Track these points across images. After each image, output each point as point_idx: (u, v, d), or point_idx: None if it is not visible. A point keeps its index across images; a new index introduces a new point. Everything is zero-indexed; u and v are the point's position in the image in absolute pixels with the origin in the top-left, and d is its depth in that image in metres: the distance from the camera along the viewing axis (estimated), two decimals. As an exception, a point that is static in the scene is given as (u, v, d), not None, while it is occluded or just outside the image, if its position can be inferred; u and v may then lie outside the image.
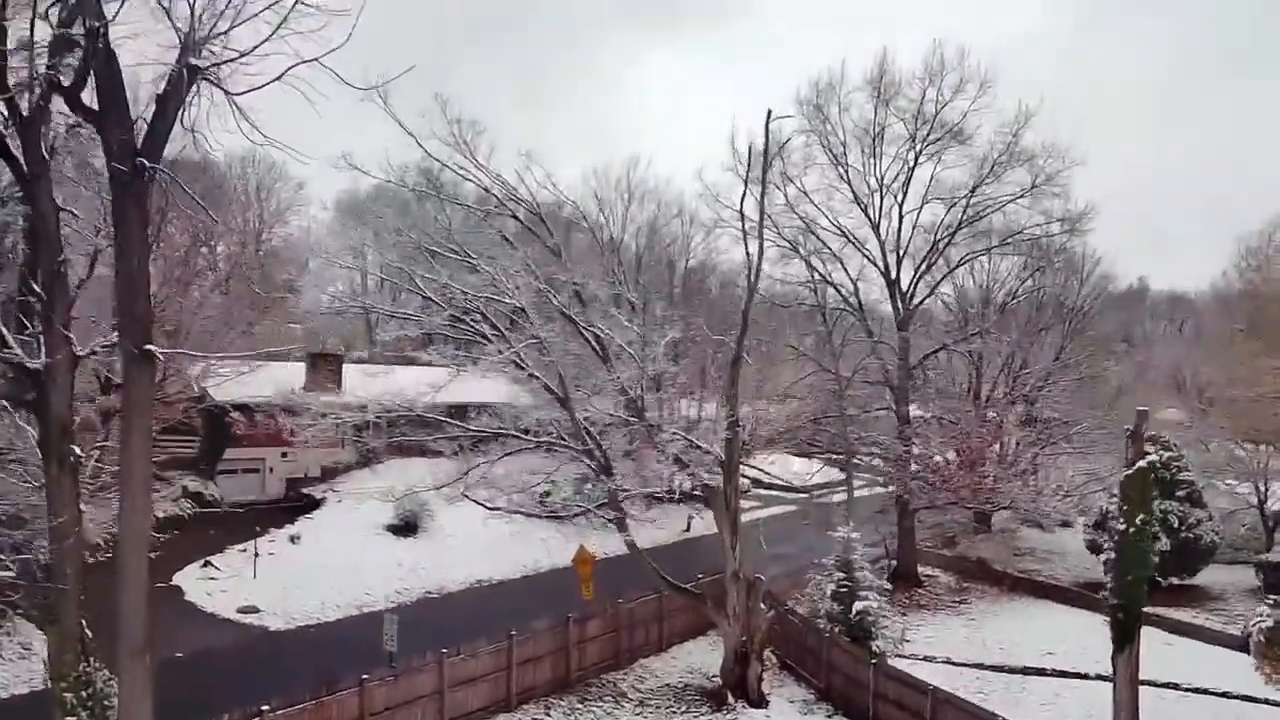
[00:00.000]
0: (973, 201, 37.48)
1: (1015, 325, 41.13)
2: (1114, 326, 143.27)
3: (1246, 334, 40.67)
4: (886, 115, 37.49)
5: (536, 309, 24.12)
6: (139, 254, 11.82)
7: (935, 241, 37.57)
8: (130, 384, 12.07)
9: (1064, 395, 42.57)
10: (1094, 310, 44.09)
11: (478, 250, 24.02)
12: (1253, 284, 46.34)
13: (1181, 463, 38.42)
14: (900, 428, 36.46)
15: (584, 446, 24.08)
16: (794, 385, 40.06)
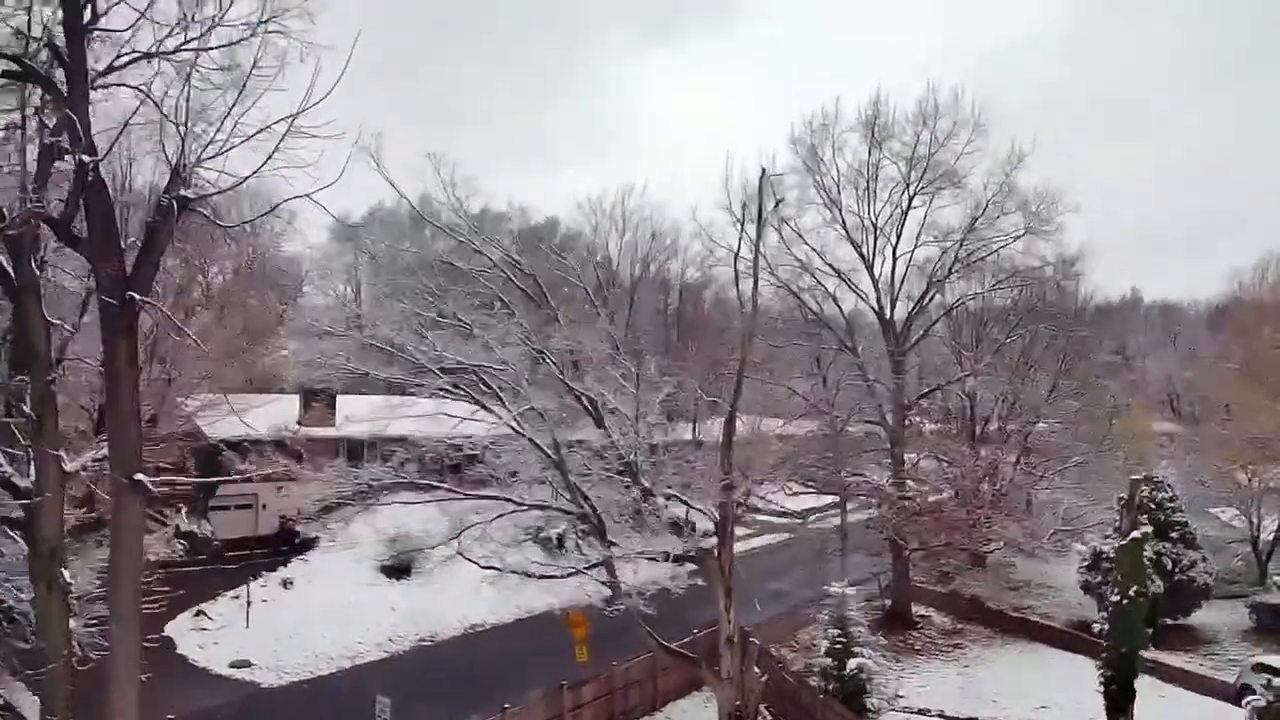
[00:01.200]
0: (966, 242, 37.58)
1: (1009, 362, 41.23)
2: (1107, 337, 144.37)
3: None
4: (880, 157, 37.54)
5: (531, 371, 24.17)
6: (129, 384, 11.76)
7: (929, 283, 37.63)
8: (120, 510, 12.00)
9: (1058, 428, 42.73)
10: (1087, 346, 43.84)
11: (473, 318, 23.87)
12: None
13: (1175, 503, 38.50)
14: (895, 469, 36.48)
15: (579, 510, 24.09)
16: (789, 424, 40.04)
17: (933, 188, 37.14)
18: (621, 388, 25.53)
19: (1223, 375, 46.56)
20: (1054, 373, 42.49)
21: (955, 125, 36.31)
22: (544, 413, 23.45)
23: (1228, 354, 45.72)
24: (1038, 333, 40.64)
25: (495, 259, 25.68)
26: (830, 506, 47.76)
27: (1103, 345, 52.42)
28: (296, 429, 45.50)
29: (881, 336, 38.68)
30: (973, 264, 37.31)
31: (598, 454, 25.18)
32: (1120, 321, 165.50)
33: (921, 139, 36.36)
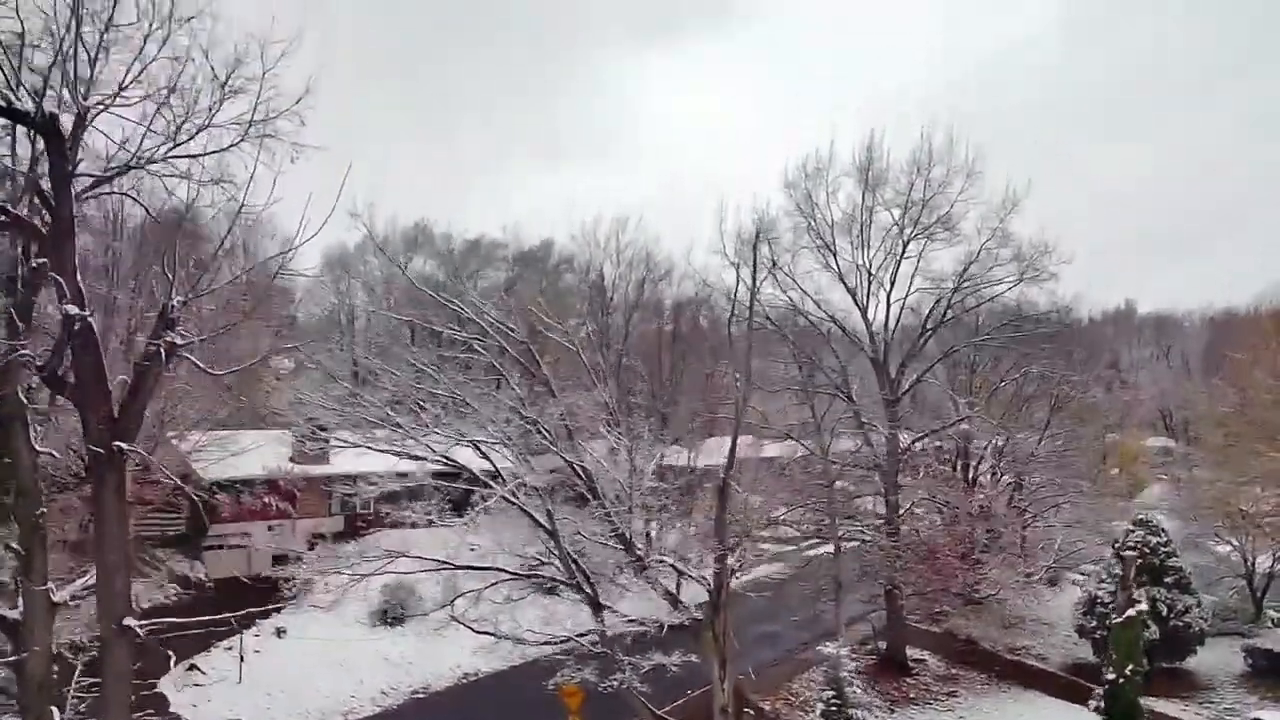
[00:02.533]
0: (960, 287, 37.62)
1: (1003, 401, 41.29)
2: (1101, 350, 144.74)
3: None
4: (874, 203, 37.57)
5: (525, 440, 24.13)
6: (117, 523, 11.63)
7: (922, 330, 37.67)
8: (108, 656, 11.86)
9: (1051, 463, 42.74)
10: (1079, 388, 43.86)
11: (466, 392, 23.81)
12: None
13: (1169, 547, 38.46)
14: (889, 515, 36.44)
15: (572, 580, 24.05)
16: (786, 465, 40.07)
17: (926, 235, 37.15)
18: (615, 452, 25.62)
19: (1217, 417, 46.47)
20: (1047, 410, 42.58)
21: (949, 172, 36.39)
22: (539, 487, 23.43)
23: (1221, 394, 45.52)
24: (1030, 373, 40.60)
25: (488, 325, 25.51)
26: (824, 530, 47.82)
27: (1093, 360, 51.94)
28: (290, 468, 45.34)
29: (876, 380, 38.64)
30: (967, 311, 37.41)
31: (591, 513, 25.24)
32: (1114, 333, 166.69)
33: (915, 187, 36.41)
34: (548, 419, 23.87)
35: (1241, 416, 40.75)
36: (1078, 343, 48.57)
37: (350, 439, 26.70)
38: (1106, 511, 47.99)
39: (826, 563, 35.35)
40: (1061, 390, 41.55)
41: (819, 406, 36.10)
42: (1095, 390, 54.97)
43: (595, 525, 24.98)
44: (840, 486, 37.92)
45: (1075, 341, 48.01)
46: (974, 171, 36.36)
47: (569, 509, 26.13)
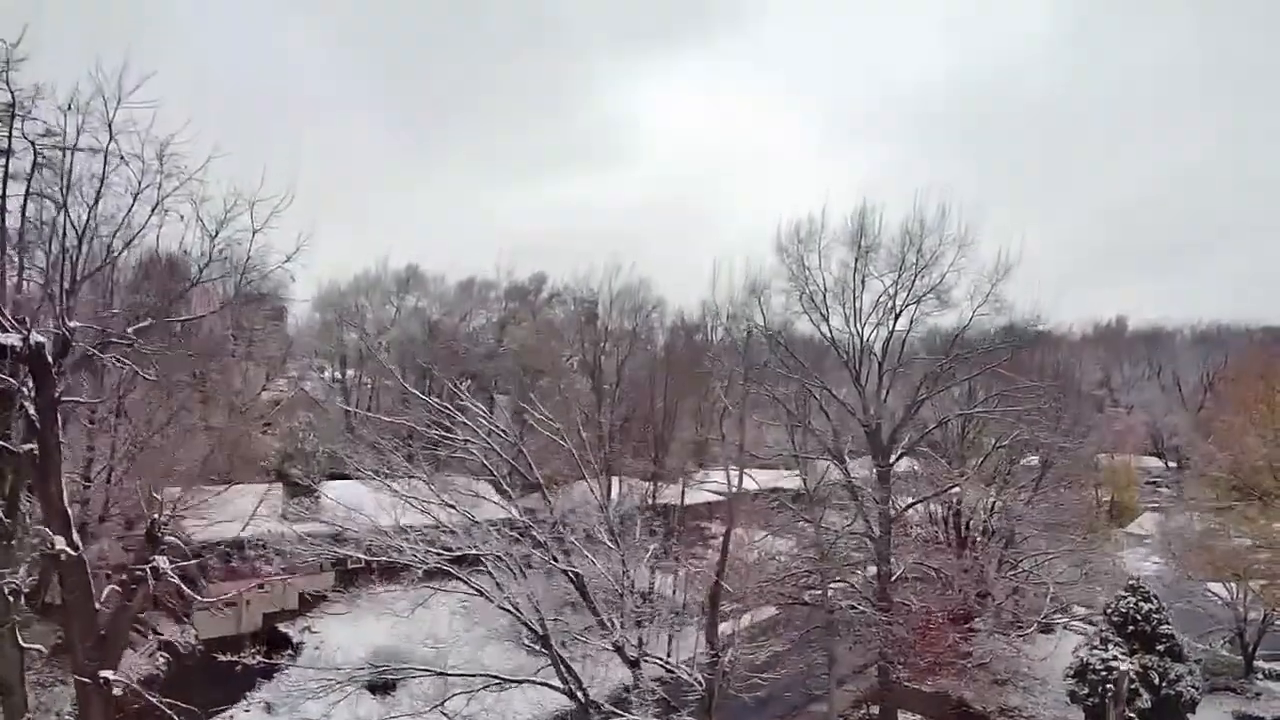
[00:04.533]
0: (951, 355, 37.69)
1: (993, 465, 41.36)
2: (1093, 368, 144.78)
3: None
4: (865, 273, 37.63)
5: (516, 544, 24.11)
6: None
7: (914, 399, 37.68)
8: (87, 708, 11.67)
9: (1041, 522, 42.80)
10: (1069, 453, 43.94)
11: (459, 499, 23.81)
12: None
13: (1161, 614, 38.49)
14: (882, 586, 36.42)
15: (565, 688, 23.99)
16: (777, 532, 40.01)
17: (918, 304, 37.22)
18: (608, 554, 25.55)
19: (1210, 479, 46.64)
20: (1038, 472, 42.71)
21: (942, 243, 36.41)
22: (531, 595, 23.41)
23: (1212, 457, 45.65)
24: (1021, 438, 40.64)
25: (483, 433, 25.49)
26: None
27: (1081, 423, 52.02)
28: (280, 532, 44.97)
29: (868, 446, 38.65)
30: (959, 382, 37.48)
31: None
32: (1106, 350, 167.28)
33: (908, 259, 36.42)
34: (540, 529, 23.82)
35: (1233, 480, 40.88)
36: (1067, 399, 48.45)
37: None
38: (1099, 562, 48.28)
39: (819, 633, 35.26)
40: (1051, 456, 41.59)
41: (812, 484, 36.02)
42: (1088, 445, 54.79)
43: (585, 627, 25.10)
44: (831, 544, 37.85)
45: (1064, 392, 47.95)
46: (966, 242, 36.42)
47: (563, 606, 26.20)
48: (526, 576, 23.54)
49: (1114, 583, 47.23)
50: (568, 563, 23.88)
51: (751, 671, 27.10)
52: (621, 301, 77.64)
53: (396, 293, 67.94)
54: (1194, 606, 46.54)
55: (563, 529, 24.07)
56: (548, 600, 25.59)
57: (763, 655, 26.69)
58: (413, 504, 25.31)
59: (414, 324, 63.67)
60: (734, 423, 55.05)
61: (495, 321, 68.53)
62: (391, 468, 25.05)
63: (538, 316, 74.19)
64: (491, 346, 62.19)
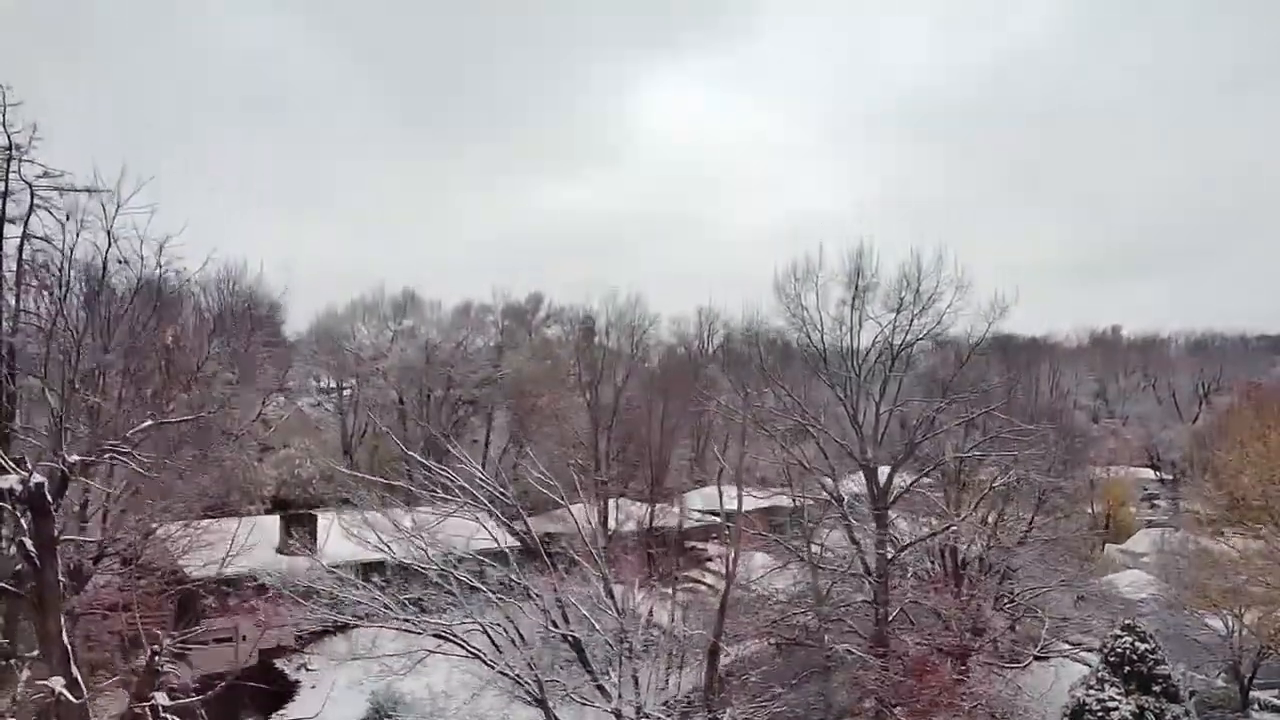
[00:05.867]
0: (949, 396, 37.86)
1: (989, 503, 41.48)
2: (1087, 378, 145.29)
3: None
4: (862, 313, 37.81)
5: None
6: None
7: (910, 441, 37.82)
8: None
9: (1036, 555, 42.95)
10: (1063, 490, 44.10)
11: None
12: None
13: (1157, 654, 38.55)
14: (879, 629, 36.51)
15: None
16: (774, 573, 40.11)
17: (915, 344, 37.40)
18: (609, 614, 25.65)
19: (1205, 517, 46.81)
20: (1032, 508, 42.88)
21: (939, 285, 36.57)
22: (531, 660, 23.48)
23: (1209, 496, 45.80)
24: (1017, 475, 40.80)
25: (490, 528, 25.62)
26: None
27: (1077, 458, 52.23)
28: (273, 572, 44.88)
29: (866, 486, 38.77)
30: (956, 424, 37.63)
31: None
32: (1101, 359, 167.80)
33: (906, 301, 36.60)
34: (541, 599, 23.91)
35: (1230, 517, 41.06)
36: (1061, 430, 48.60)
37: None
38: (1096, 587, 48.58)
39: (816, 677, 35.37)
40: (1045, 493, 41.76)
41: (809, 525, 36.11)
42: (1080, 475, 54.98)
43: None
44: (829, 587, 37.99)
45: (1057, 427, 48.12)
46: (964, 284, 36.57)
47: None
48: (525, 640, 23.56)
49: (1111, 609, 47.61)
50: (567, 628, 23.92)
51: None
52: (619, 320, 77.83)
53: (394, 317, 68.20)
54: (1190, 636, 46.62)
55: (562, 597, 24.09)
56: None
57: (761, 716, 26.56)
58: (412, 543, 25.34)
59: (411, 349, 63.79)
60: (733, 440, 55.20)
61: (493, 345, 68.77)
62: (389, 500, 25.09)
63: (534, 336, 74.32)
64: (489, 372, 62.33)
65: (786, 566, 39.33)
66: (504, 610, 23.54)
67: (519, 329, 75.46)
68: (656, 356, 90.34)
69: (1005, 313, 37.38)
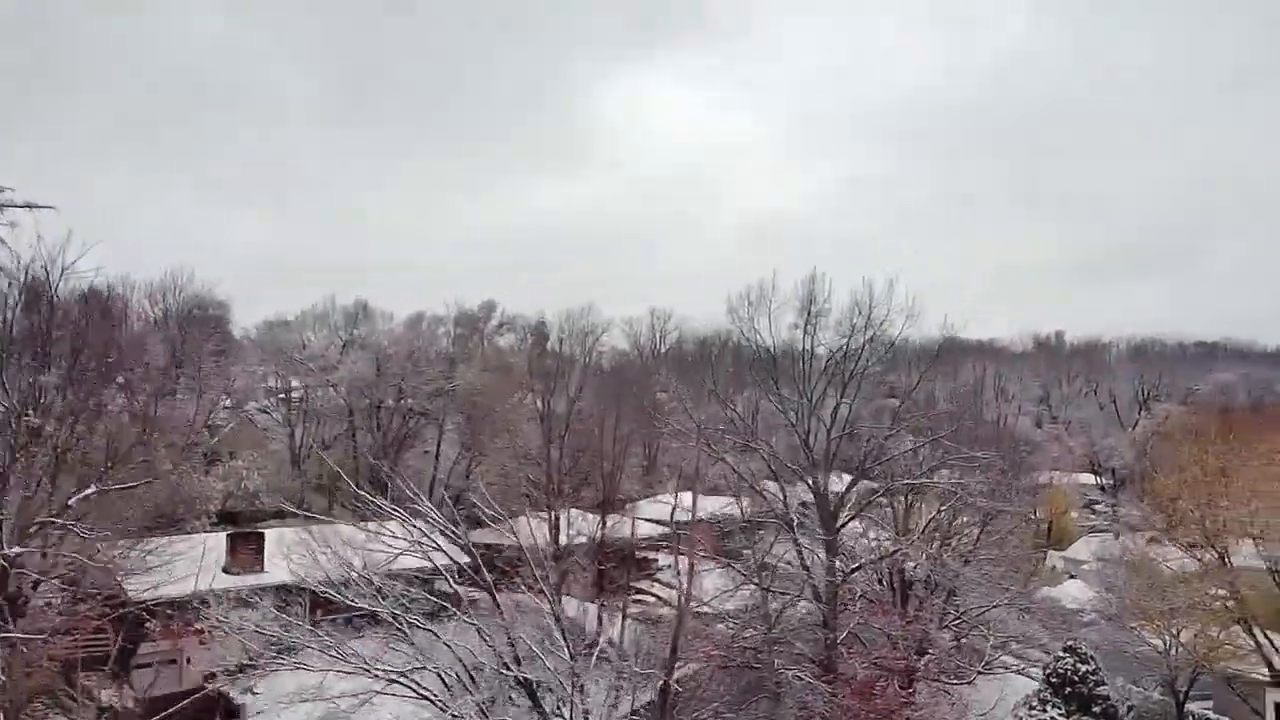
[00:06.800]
0: (899, 421, 38.42)
1: (937, 525, 42.15)
2: (1032, 384, 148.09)
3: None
4: (814, 339, 38.22)
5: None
6: None
7: (860, 467, 38.33)
8: None
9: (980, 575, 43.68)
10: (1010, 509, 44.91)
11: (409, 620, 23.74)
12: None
13: (1098, 675, 39.52)
14: (828, 655, 36.93)
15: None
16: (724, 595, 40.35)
17: (865, 373, 37.87)
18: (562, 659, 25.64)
19: (1144, 546, 48.00)
20: (977, 530, 43.63)
21: (889, 313, 37.08)
22: (483, 705, 23.41)
23: (1148, 518, 46.94)
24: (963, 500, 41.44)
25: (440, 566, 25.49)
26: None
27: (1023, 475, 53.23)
28: (219, 593, 44.23)
29: (816, 510, 39.15)
30: (903, 452, 38.22)
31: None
32: (1045, 363, 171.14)
33: (857, 328, 37.07)
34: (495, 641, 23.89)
35: (1169, 538, 42.12)
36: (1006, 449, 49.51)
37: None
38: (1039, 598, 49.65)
39: (766, 704, 35.70)
40: (990, 517, 42.55)
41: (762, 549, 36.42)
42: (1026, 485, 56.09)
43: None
44: (779, 613, 38.30)
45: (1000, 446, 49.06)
46: (914, 313, 37.10)
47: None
48: (477, 684, 23.50)
49: (1054, 623, 48.69)
50: (519, 669, 23.92)
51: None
52: (570, 326, 77.82)
53: (345, 328, 67.49)
54: (1129, 651, 47.68)
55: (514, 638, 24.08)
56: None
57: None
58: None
59: (363, 360, 63.18)
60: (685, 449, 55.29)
61: (445, 356, 68.29)
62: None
63: (488, 344, 73.98)
64: (441, 383, 61.97)
65: (738, 590, 39.52)
66: (454, 652, 23.38)
67: (472, 337, 75.07)
68: (609, 362, 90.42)
69: (953, 340, 37.93)
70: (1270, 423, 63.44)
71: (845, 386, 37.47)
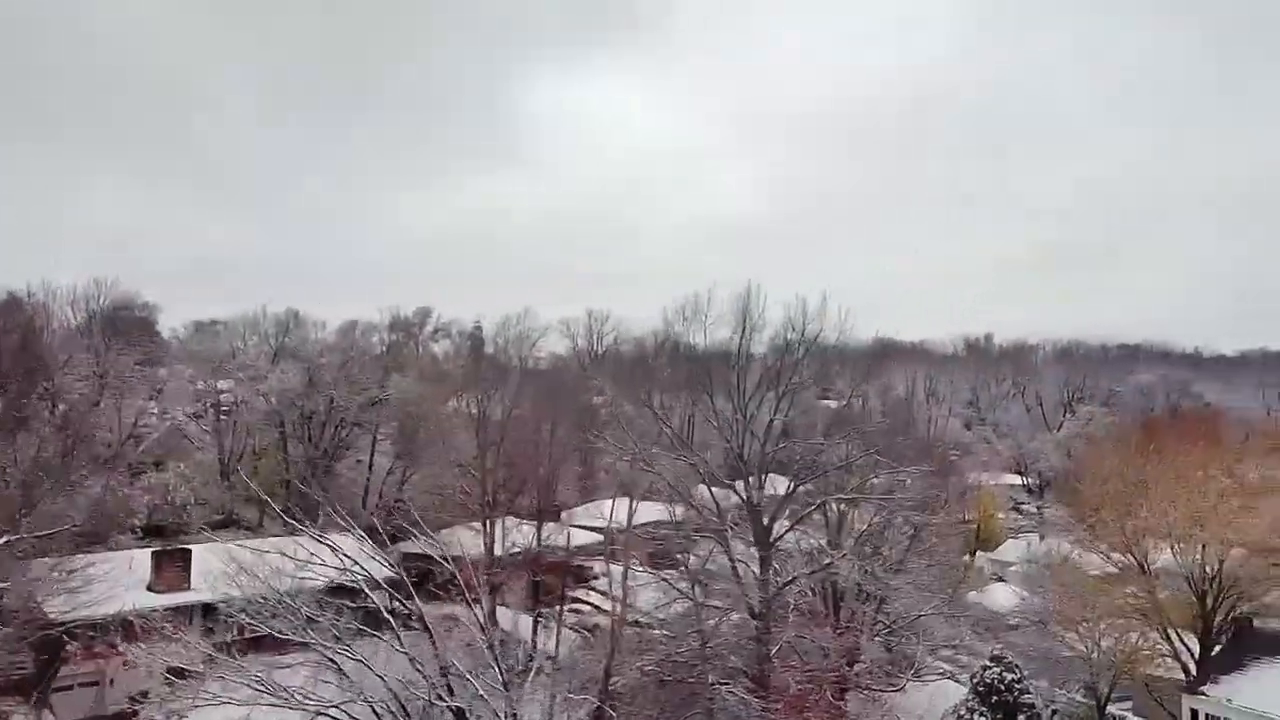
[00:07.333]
0: (830, 437, 38.87)
1: (867, 536, 42.77)
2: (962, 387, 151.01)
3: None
4: (747, 355, 38.51)
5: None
6: None
7: (793, 482, 38.73)
8: None
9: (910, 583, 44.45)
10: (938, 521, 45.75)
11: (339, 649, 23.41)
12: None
13: (1023, 684, 40.42)
14: (760, 668, 37.26)
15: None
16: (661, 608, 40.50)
17: (798, 386, 38.25)
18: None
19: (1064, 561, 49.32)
20: (906, 541, 44.34)
21: (822, 330, 37.54)
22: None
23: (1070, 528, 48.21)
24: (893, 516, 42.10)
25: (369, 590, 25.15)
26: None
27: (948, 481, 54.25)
28: (147, 611, 43.11)
29: (750, 525, 39.47)
30: (836, 467, 38.71)
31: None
32: (975, 365, 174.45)
33: (791, 345, 37.45)
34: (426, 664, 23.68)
35: (1092, 548, 43.28)
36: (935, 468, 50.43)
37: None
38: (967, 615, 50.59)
39: (699, 716, 35.88)
40: (918, 530, 43.31)
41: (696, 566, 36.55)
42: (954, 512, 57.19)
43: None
44: (715, 627, 38.51)
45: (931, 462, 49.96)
46: (846, 328, 37.58)
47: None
48: (409, 714, 23.28)
49: (981, 627, 49.70)
50: (452, 699, 23.74)
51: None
52: (506, 330, 77.35)
53: (276, 335, 66.25)
54: (1054, 655, 48.88)
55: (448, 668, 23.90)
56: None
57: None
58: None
59: (294, 370, 62.07)
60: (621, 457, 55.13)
61: (380, 364, 67.43)
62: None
63: (423, 351, 73.19)
64: (375, 392, 61.15)
65: (672, 605, 39.69)
66: (386, 684, 23.12)
67: (407, 344, 74.19)
68: (547, 364, 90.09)
69: (885, 355, 38.40)
70: (1188, 429, 65.41)
71: (779, 401, 37.78)
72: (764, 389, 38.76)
